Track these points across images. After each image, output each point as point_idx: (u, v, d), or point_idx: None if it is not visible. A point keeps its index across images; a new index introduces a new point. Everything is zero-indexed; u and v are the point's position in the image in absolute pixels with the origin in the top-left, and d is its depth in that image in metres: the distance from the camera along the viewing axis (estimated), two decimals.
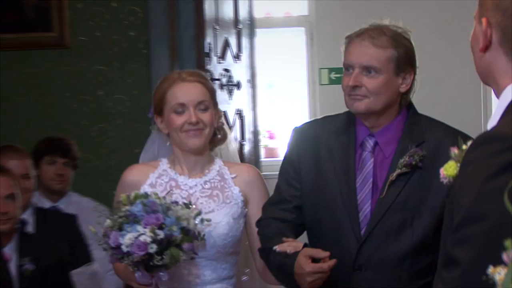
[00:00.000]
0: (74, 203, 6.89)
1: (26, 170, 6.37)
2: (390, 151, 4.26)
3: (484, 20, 2.91)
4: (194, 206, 4.09)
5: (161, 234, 3.78)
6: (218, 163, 4.48)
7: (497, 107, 2.91)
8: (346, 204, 4.25)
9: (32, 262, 5.67)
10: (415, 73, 4.33)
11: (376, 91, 4.20)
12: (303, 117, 11.04)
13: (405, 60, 4.26)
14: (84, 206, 6.59)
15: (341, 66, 4.34)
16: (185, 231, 3.87)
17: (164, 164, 4.45)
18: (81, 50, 8.14)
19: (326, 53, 10.83)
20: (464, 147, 3.11)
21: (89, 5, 8.10)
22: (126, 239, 3.78)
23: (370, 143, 4.29)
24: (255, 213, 4.40)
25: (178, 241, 3.84)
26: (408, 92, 4.33)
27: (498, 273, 2.13)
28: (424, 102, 4.90)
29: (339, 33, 4.45)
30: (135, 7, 8.09)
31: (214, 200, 4.35)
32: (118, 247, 3.82)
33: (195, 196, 4.32)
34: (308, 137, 4.46)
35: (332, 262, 3.91)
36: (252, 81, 8.84)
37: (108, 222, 3.90)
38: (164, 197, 4.02)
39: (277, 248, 4.08)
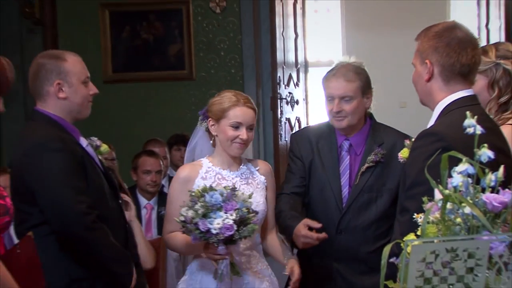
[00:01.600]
0: None
1: (164, 154, 6.44)
2: (360, 150, 4.06)
3: (428, 61, 3.00)
4: (243, 193, 3.62)
5: (238, 216, 3.41)
6: (244, 160, 3.97)
7: (433, 113, 3.03)
8: (332, 187, 4.06)
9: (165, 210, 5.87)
10: (371, 92, 4.08)
11: (352, 111, 3.97)
12: None
13: (366, 85, 4.01)
14: None
15: None
16: (249, 210, 3.50)
17: (206, 163, 3.90)
18: (202, 82, 8.29)
19: None
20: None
21: (206, 54, 8.28)
22: (215, 224, 3.37)
23: (346, 145, 4.09)
24: (271, 196, 3.98)
25: (250, 219, 3.48)
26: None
27: (420, 218, 2.21)
28: None
29: None
30: (235, 55, 8.27)
31: (251, 186, 3.86)
32: (207, 231, 3.39)
33: (237, 184, 3.80)
34: (303, 138, 4.22)
35: (322, 235, 3.70)
36: (306, 100, 8.77)
37: (190, 212, 3.44)
38: (228, 186, 3.59)
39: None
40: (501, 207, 2.06)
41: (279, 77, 8.16)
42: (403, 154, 3.13)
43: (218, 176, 3.84)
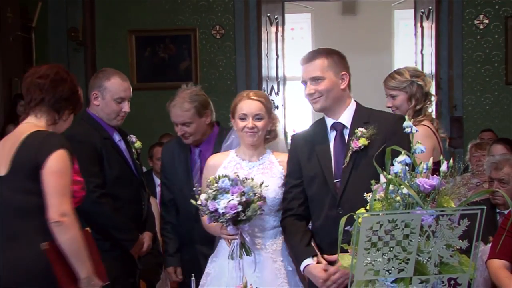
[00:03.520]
0: None
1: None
2: (208, 155, 3.63)
3: (344, 74, 3.00)
4: (253, 180, 3.17)
5: (243, 198, 3.05)
6: (268, 153, 3.42)
7: (345, 113, 3.03)
8: (186, 186, 3.68)
9: None
10: (208, 111, 3.78)
11: (194, 131, 3.75)
12: (307, 121, 11.14)
13: (201, 108, 3.74)
14: None
15: None
16: (257, 194, 3.09)
17: (232, 153, 3.43)
18: (205, 90, 7.43)
19: None
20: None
21: (209, 69, 8.24)
22: (221, 204, 3.04)
23: (197, 152, 3.84)
24: None
25: (254, 201, 3.07)
26: None
27: (368, 196, 2.19)
28: None
29: None
30: (230, 70, 8.24)
31: (266, 175, 3.31)
32: (215, 210, 3.05)
33: (253, 173, 3.31)
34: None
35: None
36: (284, 105, 8.70)
37: (204, 195, 3.10)
38: (238, 175, 3.17)
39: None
40: (430, 189, 2.08)
41: (264, 87, 8.17)
42: (361, 142, 2.90)
43: (237, 166, 3.39)
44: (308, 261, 3.00)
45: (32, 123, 2.89)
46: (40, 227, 2.73)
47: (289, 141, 3.96)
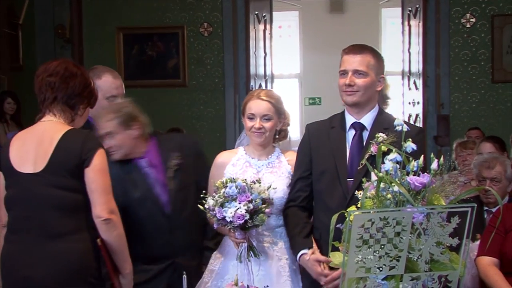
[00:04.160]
0: None
1: None
2: (156, 161, 3.48)
3: (382, 77, 3.00)
4: (262, 181, 3.13)
5: (251, 206, 2.99)
6: (277, 151, 3.39)
7: (369, 114, 3.02)
8: (154, 195, 3.43)
9: None
10: (135, 123, 3.45)
11: (120, 146, 3.40)
12: (295, 119, 11.16)
13: (127, 120, 3.44)
14: None
15: (313, 96, 3.53)
16: (264, 200, 3.04)
17: (241, 151, 3.39)
18: (193, 88, 8.21)
19: (306, 89, 11.02)
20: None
21: (197, 67, 8.19)
22: (229, 213, 2.98)
23: (143, 162, 3.47)
24: None
25: (262, 209, 3.02)
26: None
27: (360, 194, 2.19)
28: None
29: (313, 81, 3.93)
30: (218, 68, 8.19)
31: (274, 174, 3.30)
32: (223, 218, 3.00)
33: (262, 172, 3.30)
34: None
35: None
36: None
37: (211, 202, 3.03)
38: (245, 179, 3.08)
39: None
40: (421, 187, 2.09)
41: (252, 85, 8.17)
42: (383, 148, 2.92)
43: (246, 164, 3.35)
44: (304, 251, 3.02)
45: (56, 121, 2.88)
46: (84, 223, 2.80)
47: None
